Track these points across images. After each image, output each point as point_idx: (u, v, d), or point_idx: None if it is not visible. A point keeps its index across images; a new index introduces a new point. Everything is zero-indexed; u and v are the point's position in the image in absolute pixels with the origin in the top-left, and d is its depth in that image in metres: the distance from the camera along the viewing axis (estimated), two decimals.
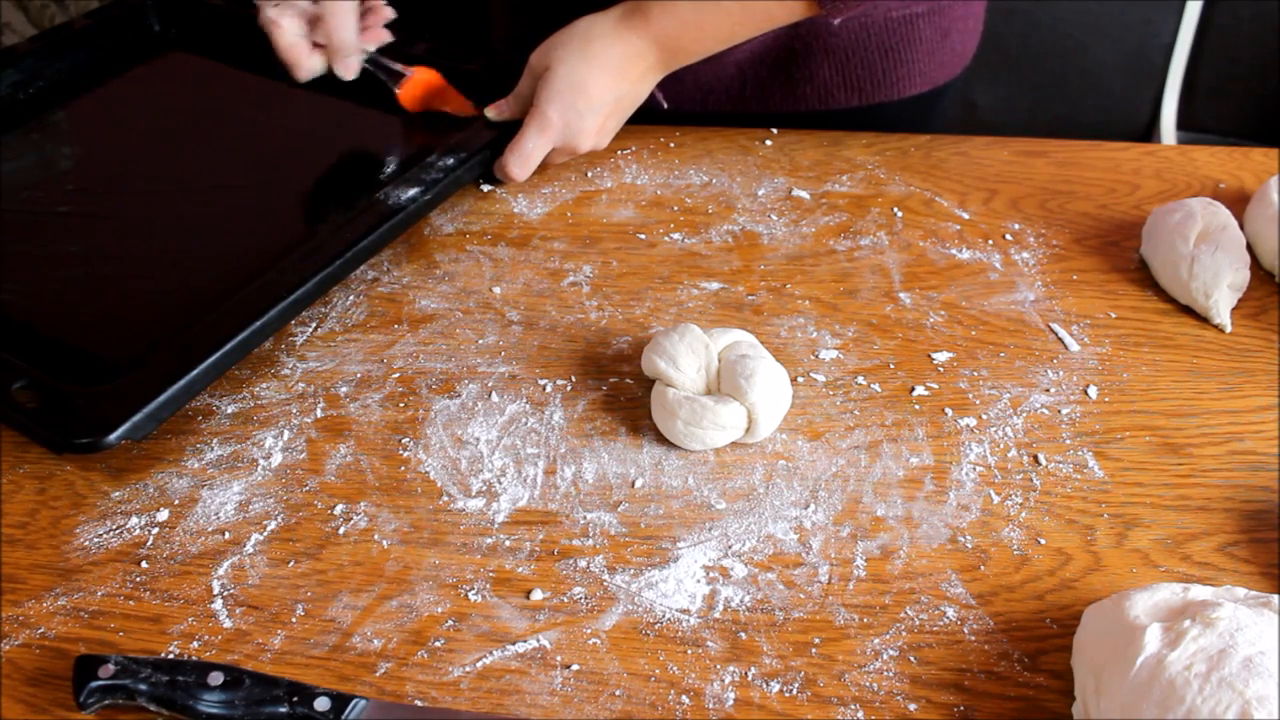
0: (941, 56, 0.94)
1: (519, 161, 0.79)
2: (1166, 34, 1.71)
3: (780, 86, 0.92)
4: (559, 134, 0.79)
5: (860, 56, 0.90)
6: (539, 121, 0.78)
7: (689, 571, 0.55)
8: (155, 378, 0.58)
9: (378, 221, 0.70)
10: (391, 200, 0.72)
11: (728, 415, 0.60)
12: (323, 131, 0.86)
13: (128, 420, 0.56)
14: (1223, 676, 0.43)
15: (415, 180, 0.74)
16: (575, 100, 0.78)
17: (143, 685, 0.47)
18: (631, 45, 0.78)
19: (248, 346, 0.62)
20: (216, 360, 0.60)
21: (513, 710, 0.49)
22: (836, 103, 0.92)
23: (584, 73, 0.77)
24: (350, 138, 0.85)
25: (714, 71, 0.90)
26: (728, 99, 0.92)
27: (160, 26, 0.96)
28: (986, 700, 0.49)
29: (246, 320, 0.62)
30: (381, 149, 0.83)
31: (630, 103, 0.81)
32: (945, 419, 0.64)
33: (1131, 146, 0.89)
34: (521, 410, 0.64)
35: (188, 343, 0.61)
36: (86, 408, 0.57)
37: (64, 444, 0.56)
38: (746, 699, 0.49)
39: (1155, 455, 0.62)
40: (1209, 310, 0.70)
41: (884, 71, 0.91)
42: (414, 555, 0.56)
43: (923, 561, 0.55)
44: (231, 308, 0.63)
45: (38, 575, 0.54)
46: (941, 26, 0.92)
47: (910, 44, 0.91)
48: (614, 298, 0.72)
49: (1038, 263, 0.76)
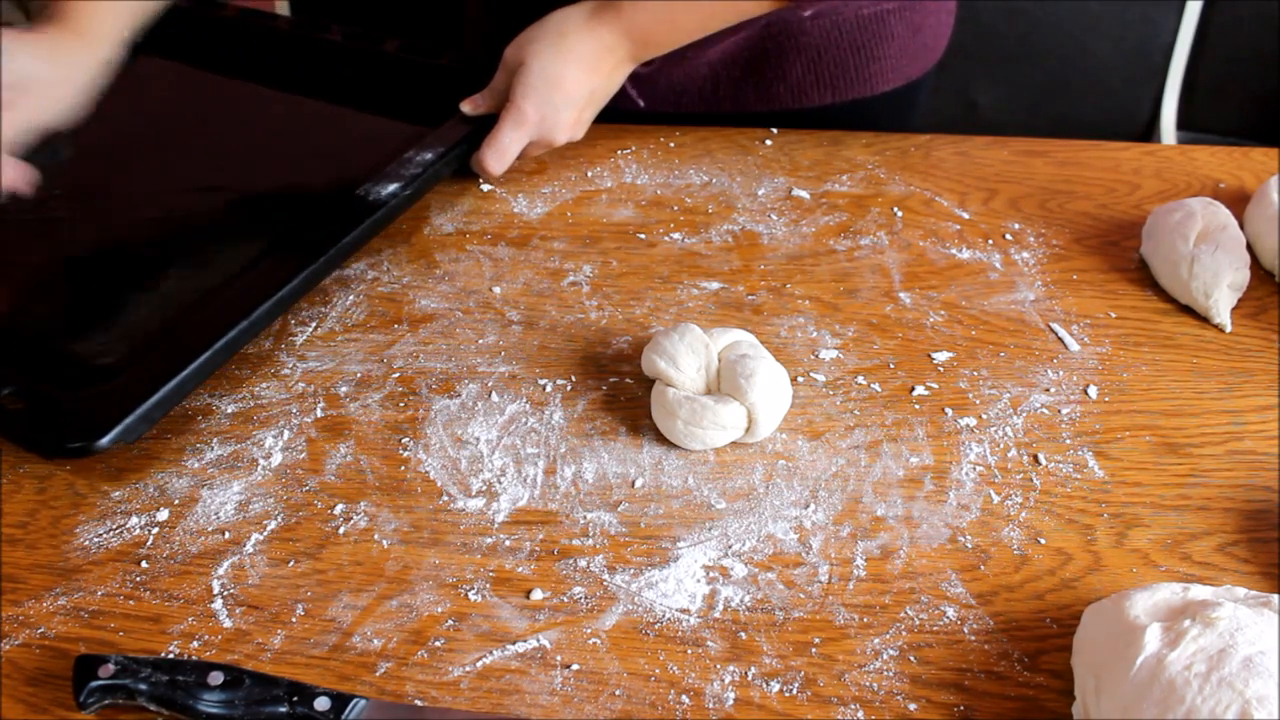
0: (914, 52, 0.94)
1: (495, 156, 0.79)
2: (1166, 34, 1.71)
3: (754, 86, 0.92)
4: (535, 128, 0.79)
5: (833, 54, 0.90)
6: (515, 116, 0.78)
7: (689, 571, 0.55)
8: (145, 380, 0.58)
9: (359, 218, 0.70)
10: (372, 196, 0.72)
11: (728, 415, 0.60)
12: (299, 131, 0.86)
13: (119, 423, 0.55)
14: (1223, 676, 0.43)
15: (395, 176, 0.74)
16: (551, 94, 0.78)
17: (143, 685, 0.47)
18: (604, 39, 0.78)
19: (236, 345, 0.62)
20: (206, 360, 0.60)
21: (513, 710, 0.49)
22: (810, 101, 0.92)
23: (559, 67, 0.78)
24: (326, 136, 0.85)
25: (687, 72, 0.90)
26: (701, 99, 0.93)
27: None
28: (986, 700, 0.49)
29: (233, 320, 0.62)
30: (358, 146, 0.83)
31: (603, 95, 0.82)
32: (945, 419, 0.64)
33: (1131, 146, 0.89)
34: (521, 410, 0.64)
35: (176, 344, 0.60)
36: (77, 412, 0.56)
37: (56, 449, 0.56)
38: (746, 699, 0.49)
39: (1155, 455, 0.62)
40: (1209, 310, 0.70)
41: (856, 68, 0.91)
42: (414, 555, 0.56)
43: (923, 561, 0.55)
44: (218, 308, 0.63)
45: (38, 575, 0.54)
46: (913, 22, 0.93)
47: (882, 40, 0.91)
48: (614, 298, 0.72)
49: (1038, 262, 0.76)
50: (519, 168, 0.85)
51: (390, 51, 0.88)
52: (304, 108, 0.88)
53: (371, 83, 0.89)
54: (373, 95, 0.88)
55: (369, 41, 0.90)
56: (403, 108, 0.86)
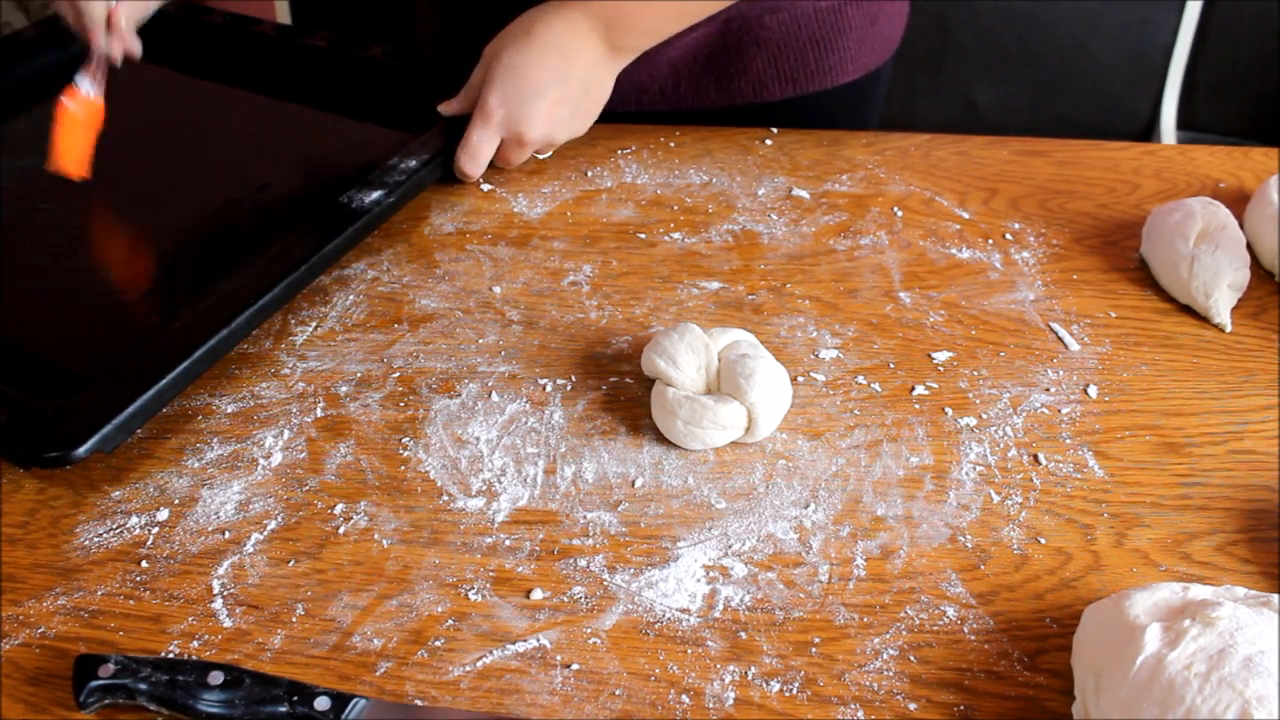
0: (871, 43, 0.95)
1: (467, 157, 0.78)
2: (1166, 34, 1.71)
3: (714, 81, 0.92)
4: (501, 123, 0.78)
5: (792, 47, 0.91)
6: (480, 112, 0.78)
7: (689, 571, 0.55)
8: (124, 389, 0.57)
9: (342, 225, 0.70)
10: (355, 203, 0.72)
11: (728, 415, 0.60)
12: (283, 137, 0.86)
13: (97, 433, 0.55)
14: (1223, 676, 0.43)
15: (379, 183, 0.73)
16: (517, 85, 0.77)
17: (143, 685, 0.47)
18: (573, 23, 0.77)
19: (217, 354, 0.61)
20: (185, 369, 0.59)
21: (513, 710, 0.49)
22: (771, 94, 0.93)
23: (523, 56, 0.77)
24: (311, 143, 0.85)
25: (648, 71, 0.90)
26: (663, 97, 0.93)
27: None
28: (986, 700, 0.49)
29: (214, 328, 0.61)
30: (343, 153, 0.83)
31: (582, 89, 0.80)
32: (945, 419, 0.64)
33: (1131, 146, 0.89)
34: (521, 410, 0.64)
35: (155, 353, 0.60)
36: (54, 421, 0.56)
37: (31, 459, 0.55)
38: (746, 698, 0.49)
39: (1155, 455, 0.62)
40: (1209, 310, 0.70)
41: (816, 60, 0.92)
42: (414, 555, 0.56)
43: (923, 561, 0.55)
44: (198, 316, 0.62)
45: (38, 575, 0.54)
46: (870, 12, 0.94)
47: (840, 32, 0.92)
48: (614, 297, 0.72)
49: (1038, 262, 0.76)
50: (519, 167, 0.85)
51: (376, 57, 0.88)
52: (288, 113, 0.88)
53: (357, 88, 0.89)
54: (359, 101, 0.88)
55: (354, 48, 0.90)
56: (388, 113, 0.86)
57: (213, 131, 0.86)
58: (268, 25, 0.95)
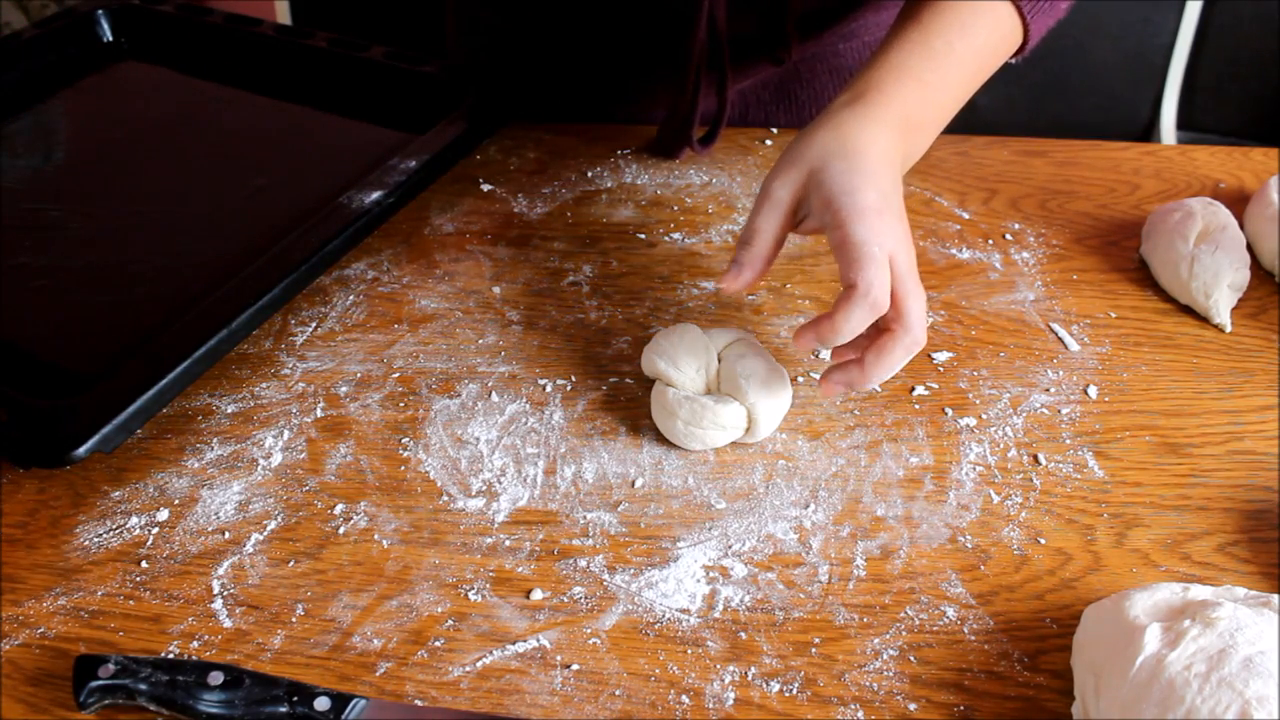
0: None
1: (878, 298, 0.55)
2: (1166, 34, 1.71)
3: (784, 109, 0.93)
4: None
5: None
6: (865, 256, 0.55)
7: (689, 571, 0.55)
8: (124, 389, 0.57)
9: (342, 225, 0.69)
10: (355, 204, 0.71)
11: (728, 415, 0.60)
12: (281, 137, 0.86)
13: (96, 433, 0.55)
14: (1223, 676, 0.43)
15: (379, 183, 0.73)
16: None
17: (143, 685, 0.47)
18: (883, 138, 0.60)
19: (217, 354, 0.61)
20: (185, 369, 0.59)
21: (513, 710, 0.49)
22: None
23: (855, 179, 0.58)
24: (309, 142, 0.85)
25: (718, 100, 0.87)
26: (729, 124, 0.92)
27: (111, 36, 0.96)
28: (986, 700, 0.49)
29: (214, 328, 0.61)
30: (343, 153, 0.83)
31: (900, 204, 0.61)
32: (945, 419, 0.64)
33: (1131, 146, 0.89)
34: (521, 410, 0.64)
35: (155, 353, 0.59)
36: (54, 421, 0.56)
37: (31, 459, 0.55)
38: (746, 699, 0.49)
39: (1155, 455, 0.62)
40: (1209, 310, 0.70)
41: None
42: (414, 555, 0.56)
43: (923, 561, 0.55)
44: (197, 317, 0.62)
45: (38, 575, 0.54)
46: None
47: None
48: (614, 298, 0.72)
49: (1038, 262, 0.76)
50: (519, 168, 0.85)
51: (376, 57, 0.88)
52: (286, 113, 0.88)
53: (357, 88, 0.89)
54: (359, 101, 0.88)
55: (355, 48, 0.90)
56: (388, 113, 0.86)
57: (213, 131, 0.86)
58: (268, 25, 0.95)
